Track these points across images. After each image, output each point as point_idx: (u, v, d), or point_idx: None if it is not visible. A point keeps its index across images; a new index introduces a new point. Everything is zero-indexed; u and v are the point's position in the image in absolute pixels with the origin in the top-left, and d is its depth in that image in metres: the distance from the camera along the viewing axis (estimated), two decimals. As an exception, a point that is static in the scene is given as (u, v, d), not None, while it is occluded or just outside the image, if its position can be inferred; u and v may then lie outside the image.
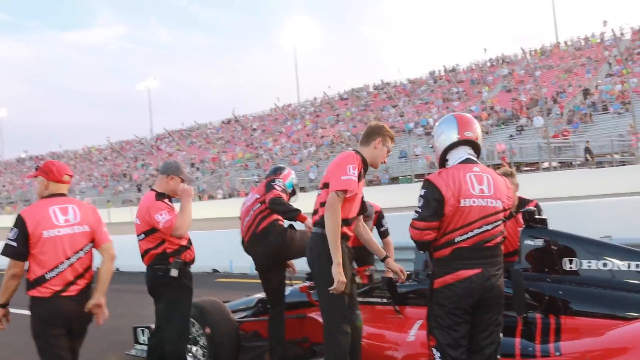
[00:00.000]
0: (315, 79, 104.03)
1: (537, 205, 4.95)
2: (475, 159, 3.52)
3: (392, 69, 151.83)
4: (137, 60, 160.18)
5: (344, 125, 47.26)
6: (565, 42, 48.92)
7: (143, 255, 4.71)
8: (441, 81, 50.96)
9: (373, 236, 4.53)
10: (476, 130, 3.55)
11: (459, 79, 48.02)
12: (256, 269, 5.35)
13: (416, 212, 3.38)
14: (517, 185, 5.03)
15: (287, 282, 5.52)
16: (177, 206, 4.66)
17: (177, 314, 4.63)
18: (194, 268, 4.77)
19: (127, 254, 6.81)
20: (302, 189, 31.79)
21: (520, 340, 3.81)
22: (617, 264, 3.98)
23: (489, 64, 50.78)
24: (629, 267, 3.95)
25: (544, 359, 3.59)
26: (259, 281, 5.31)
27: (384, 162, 4.18)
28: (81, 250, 3.83)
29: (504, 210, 3.43)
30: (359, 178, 3.94)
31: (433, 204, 3.30)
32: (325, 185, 3.95)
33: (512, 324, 3.96)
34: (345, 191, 3.83)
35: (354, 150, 4.13)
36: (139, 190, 49.79)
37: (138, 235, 4.72)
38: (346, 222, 3.96)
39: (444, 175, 3.37)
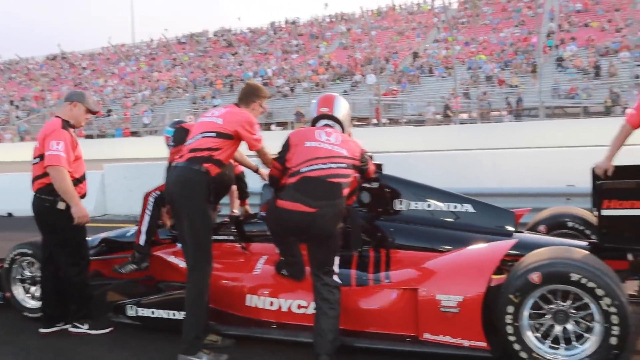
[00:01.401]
0: (152, 20, 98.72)
1: (371, 156, 5.42)
2: (332, 125, 4.25)
3: (232, 17, 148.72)
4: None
5: (181, 70, 45.97)
6: (400, 6, 51.33)
7: (33, 180, 4.61)
8: (281, 32, 51.26)
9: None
10: (333, 106, 4.31)
11: (299, 32, 48.65)
12: None
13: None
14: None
15: None
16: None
17: (71, 242, 4.61)
18: (18, 212, 4.64)
19: None
20: (135, 133, 30.57)
21: (355, 272, 4.25)
22: (438, 205, 4.57)
23: (328, 20, 51.85)
24: (448, 208, 4.56)
25: (376, 286, 4.06)
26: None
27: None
28: None
29: (351, 159, 3.99)
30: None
31: (284, 149, 4.07)
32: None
33: (349, 257, 4.41)
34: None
35: None
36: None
37: (34, 158, 4.60)
38: None
39: (299, 131, 4.20)
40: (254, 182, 5.40)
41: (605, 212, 3.76)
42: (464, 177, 8.91)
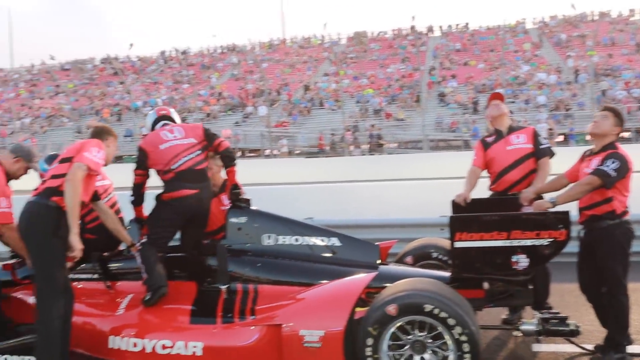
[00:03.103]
0: (33, 45, 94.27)
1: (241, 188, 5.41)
2: (170, 123, 4.81)
3: (120, 45, 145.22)
4: None
5: (65, 98, 44.05)
6: (291, 39, 52.30)
7: None
8: (172, 62, 50.58)
9: None
10: (169, 110, 5.02)
11: (190, 62, 48.25)
12: None
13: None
14: (220, 166, 5.37)
15: None
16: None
17: None
18: None
19: None
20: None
21: (222, 308, 4.19)
22: (307, 239, 4.62)
23: (219, 51, 51.81)
24: (315, 242, 4.61)
25: (241, 323, 4.02)
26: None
27: None
28: None
29: (200, 143, 4.60)
30: None
31: (142, 157, 4.56)
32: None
33: (216, 294, 4.34)
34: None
35: None
36: None
37: None
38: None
39: (146, 138, 4.69)
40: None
41: (457, 244, 3.94)
42: (344, 209, 9.09)
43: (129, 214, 5.01)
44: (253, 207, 4.73)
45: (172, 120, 4.89)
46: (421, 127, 27.92)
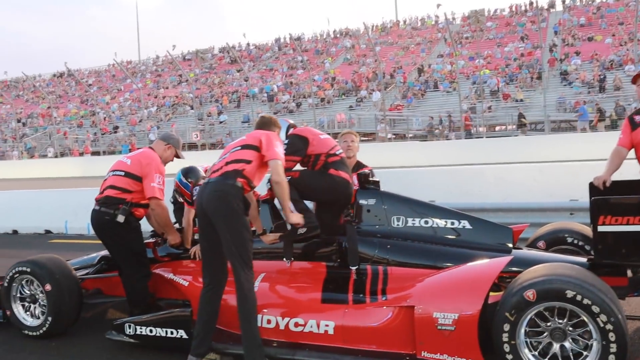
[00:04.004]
0: (158, 37, 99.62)
1: (371, 170, 5.44)
2: None
3: (237, 34, 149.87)
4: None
5: (187, 87, 46.23)
6: (404, 21, 51.63)
7: (103, 190, 4.99)
8: (286, 49, 51.54)
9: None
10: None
11: (304, 48, 48.91)
12: None
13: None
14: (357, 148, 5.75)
15: None
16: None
17: (132, 253, 4.91)
18: (23, 229, 4.69)
19: None
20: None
21: (352, 289, 4.24)
22: (437, 221, 4.57)
23: (332, 36, 52.15)
24: (445, 224, 4.55)
25: (372, 304, 4.05)
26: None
27: None
28: None
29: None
30: None
31: (303, 144, 4.63)
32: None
33: (346, 275, 4.41)
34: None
35: None
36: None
37: (117, 171, 5.01)
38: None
39: (301, 129, 4.82)
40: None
41: (601, 228, 3.74)
42: (467, 192, 8.90)
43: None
44: (382, 189, 4.74)
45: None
46: (542, 107, 26.63)
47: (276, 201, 4.75)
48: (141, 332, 4.53)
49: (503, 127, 29.55)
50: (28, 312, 5.14)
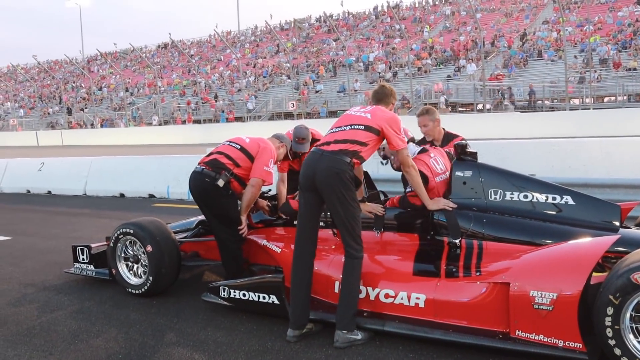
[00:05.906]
0: (257, 8, 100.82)
1: (463, 140, 5.26)
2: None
3: (335, 2, 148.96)
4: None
5: (284, 56, 46.70)
6: (508, -14, 49.34)
7: (211, 154, 5.30)
8: (384, 17, 50.76)
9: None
10: None
11: (402, 16, 47.99)
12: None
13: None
14: (437, 120, 5.82)
15: None
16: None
17: (227, 218, 5.12)
18: (129, 193, 4.87)
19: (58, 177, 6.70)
20: (239, 119, 31.52)
21: (445, 263, 4.15)
22: (537, 196, 4.35)
23: (432, 3, 50.79)
24: (546, 199, 4.32)
25: (466, 278, 3.94)
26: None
27: None
28: None
29: None
30: None
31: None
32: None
33: (440, 247, 4.31)
34: None
35: None
36: (70, 113, 48.09)
37: (234, 143, 5.32)
38: None
39: None
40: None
41: None
42: (569, 166, 8.48)
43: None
44: (480, 161, 4.57)
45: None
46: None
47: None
48: (235, 295, 4.63)
49: (612, 97, 27.80)
50: (131, 272, 5.41)
